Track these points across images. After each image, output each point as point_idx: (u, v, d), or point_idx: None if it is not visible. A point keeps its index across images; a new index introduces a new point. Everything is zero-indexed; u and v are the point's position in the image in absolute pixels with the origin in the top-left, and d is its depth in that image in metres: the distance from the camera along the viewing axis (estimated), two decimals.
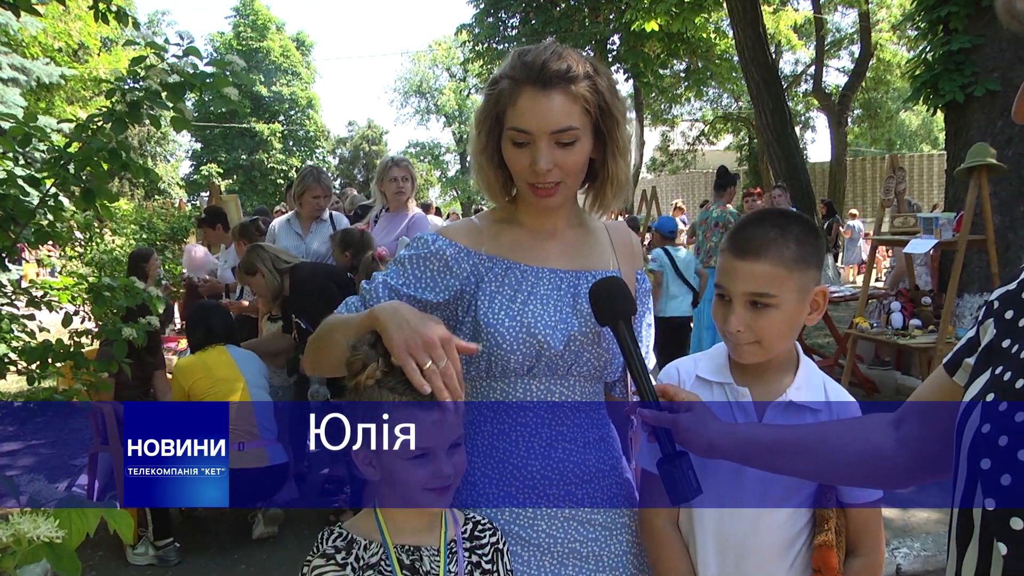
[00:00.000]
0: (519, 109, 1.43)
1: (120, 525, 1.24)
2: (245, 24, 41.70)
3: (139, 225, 9.99)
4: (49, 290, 3.15)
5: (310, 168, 5.39)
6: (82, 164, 2.75)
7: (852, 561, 1.54)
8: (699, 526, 1.54)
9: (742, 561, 1.52)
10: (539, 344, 1.46)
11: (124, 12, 3.47)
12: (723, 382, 1.55)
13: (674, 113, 28.95)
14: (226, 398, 4.04)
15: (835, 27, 25.97)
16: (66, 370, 3.28)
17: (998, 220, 6.06)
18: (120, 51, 19.17)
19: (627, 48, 20.37)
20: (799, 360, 1.57)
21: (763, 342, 1.47)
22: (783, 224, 1.46)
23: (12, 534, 1.08)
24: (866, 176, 21.98)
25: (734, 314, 1.45)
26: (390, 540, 1.34)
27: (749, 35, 11.47)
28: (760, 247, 1.43)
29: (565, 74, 1.42)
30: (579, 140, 1.45)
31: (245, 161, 39.73)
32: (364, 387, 1.31)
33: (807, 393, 1.54)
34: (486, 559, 1.40)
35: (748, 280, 1.44)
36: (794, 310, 1.47)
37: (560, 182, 1.45)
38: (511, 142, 1.46)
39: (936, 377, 1.13)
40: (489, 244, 1.54)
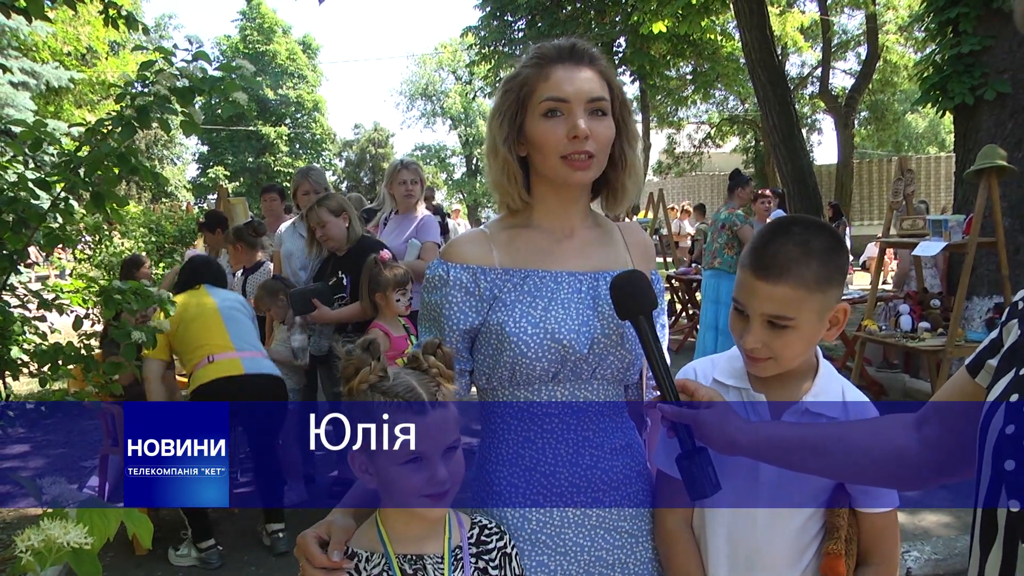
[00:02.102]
0: (553, 81, 1.45)
1: (140, 528, 1.25)
2: (252, 27, 41.86)
3: (148, 228, 10.03)
4: (60, 293, 3.17)
5: (302, 168, 5.47)
6: (92, 168, 2.76)
7: (864, 570, 1.52)
8: (711, 532, 1.53)
9: (754, 568, 1.51)
10: (564, 349, 1.45)
11: (133, 17, 3.49)
12: (740, 387, 1.54)
13: (680, 116, 28.94)
14: (197, 321, 4.08)
15: (842, 29, 25.93)
16: (76, 372, 3.29)
17: (1008, 223, 6.03)
18: (128, 55, 19.26)
19: (633, 50, 20.37)
20: (819, 365, 1.55)
21: (779, 360, 1.45)
22: (807, 240, 1.41)
23: (43, 539, 1.09)
24: (872, 178, 21.90)
25: (751, 332, 1.43)
26: (392, 551, 1.33)
27: (756, 37, 11.45)
28: (781, 268, 1.38)
29: (593, 54, 1.50)
30: (607, 115, 1.48)
31: (252, 164, 39.87)
32: (358, 391, 1.32)
33: (825, 399, 1.52)
34: (493, 564, 1.39)
35: (766, 301, 1.40)
36: (813, 330, 1.45)
37: (593, 155, 1.45)
38: (542, 116, 1.45)
39: (958, 378, 1.12)
40: (502, 254, 1.52)
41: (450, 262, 1.51)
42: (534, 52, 1.51)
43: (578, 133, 1.42)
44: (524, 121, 1.49)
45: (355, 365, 1.32)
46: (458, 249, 1.53)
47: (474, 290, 1.49)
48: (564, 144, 1.44)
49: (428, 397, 1.29)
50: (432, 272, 1.53)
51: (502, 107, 1.50)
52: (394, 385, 1.30)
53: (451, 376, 1.36)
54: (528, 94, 1.47)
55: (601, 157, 1.48)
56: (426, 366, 1.34)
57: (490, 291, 1.49)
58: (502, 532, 1.44)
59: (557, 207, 1.55)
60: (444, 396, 1.32)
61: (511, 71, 1.54)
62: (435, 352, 1.36)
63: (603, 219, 1.65)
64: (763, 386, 1.54)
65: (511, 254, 1.53)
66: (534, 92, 1.47)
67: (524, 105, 1.48)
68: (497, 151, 1.51)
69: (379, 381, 1.31)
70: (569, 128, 1.43)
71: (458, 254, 1.52)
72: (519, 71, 1.50)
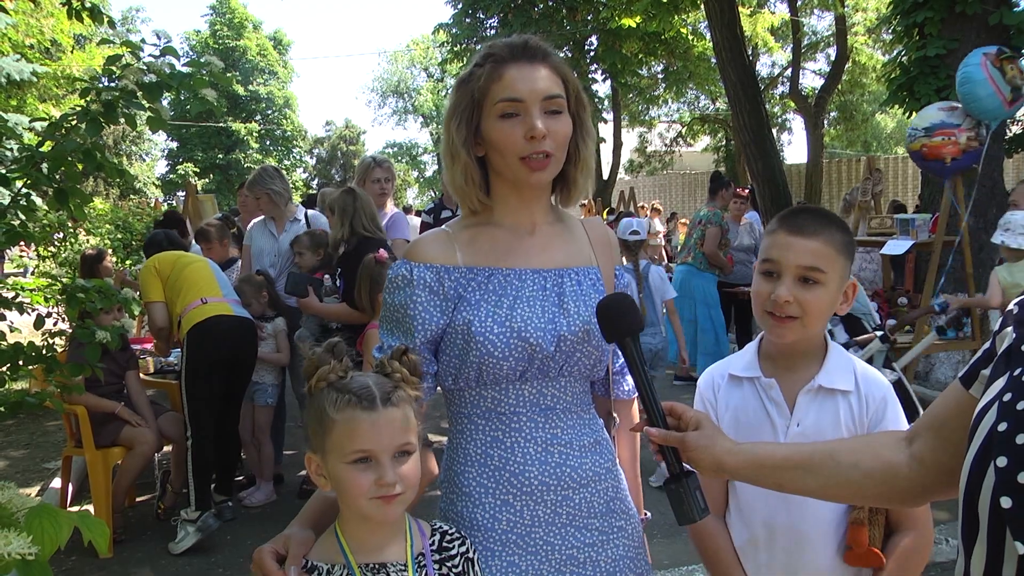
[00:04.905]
0: (507, 81, 1.44)
1: (95, 534, 1.20)
2: (221, 22, 41.37)
3: (114, 225, 9.86)
4: (20, 291, 3.09)
5: (251, 179, 5.41)
6: (55, 164, 2.70)
7: (897, 538, 1.56)
8: (748, 514, 1.59)
9: (790, 546, 1.56)
10: (531, 348, 1.44)
11: (98, 9, 3.41)
12: (752, 376, 1.62)
13: (652, 114, 29.07)
14: (190, 267, 4.52)
15: (811, 30, 26.20)
16: (38, 372, 3.22)
17: (972, 221, 6.13)
18: (95, 48, 18.93)
19: (605, 48, 20.41)
20: (828, 347, 1.62)
21: (805, 319, 1.52)
22: (828, 215, 1.59)
23: None
24: (842, 178, 22.12)
25: (783, 285, 1.51)
26: (353, 560, 1.30)
27: (726, 36, 11.53)
28: (815, 227, 1.53)
29: (546, 51, 1.49)
30: (563, 112, 1.47)
31: (222, 160, 39.42)
32: (316, 390, 1.31)
33: (837, 377, 1.58)
34: (456, 570, 1.37)
35: (803, 255, 1.51)
36: (835, 293, 1.54)
37: (551, 154, 1.45)
38: (498, 117, 1.44)
39: (951, 391, 1.11)
40: (465, 253, 1.51)
41: (413, 261, 1.49)
42: (485, 51, 1.49)
43: (535, 134, 1.42)
44: (480, 122, 1.47)
45: (315, 364, 1.31)
46: (421, 248, 1.52)
47: (439, 289, 1.47)
48: (522, 145, 1.43)
49: (382, 396, 1.28)
50: (395, 272, 1.51)
51: (457, 109, 1.49)
52: (349, 383, 1.30)
53: (415, 383, 1.35)
54: (483, 95, 1.46)
55: (559, 155, 1.48)
56: (390, 371, 1.33)
57: (454, 290, 1.48)
58: (463, 537, 1.42)
59: (518, 205, 1.54)
60: (401, 399, 1.31)
61: (464, 71, 1.52)
62: (400, 358, 1.35)
63: (565, 214, 1.65)
64: (776, 371, 1.61)
65: (474, 252, 1.51)
66: (488, 93, 1.45)
67: (480, 106, 1.47)
68: (457, 155, 1.49)
69: (337, 380, 1.30)
70: (527, 129, 1.42)
71: (421, 253, 1.50)
72: (472, 71, 1.49)
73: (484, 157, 1.51)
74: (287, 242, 5.13)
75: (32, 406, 2.66)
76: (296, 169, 44.37)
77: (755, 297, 1.58)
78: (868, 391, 1.57)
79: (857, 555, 1.53)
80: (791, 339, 1.55)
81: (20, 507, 1.18)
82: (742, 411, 1.62)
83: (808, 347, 1.60)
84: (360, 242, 4.39)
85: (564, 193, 1.60)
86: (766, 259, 1.56)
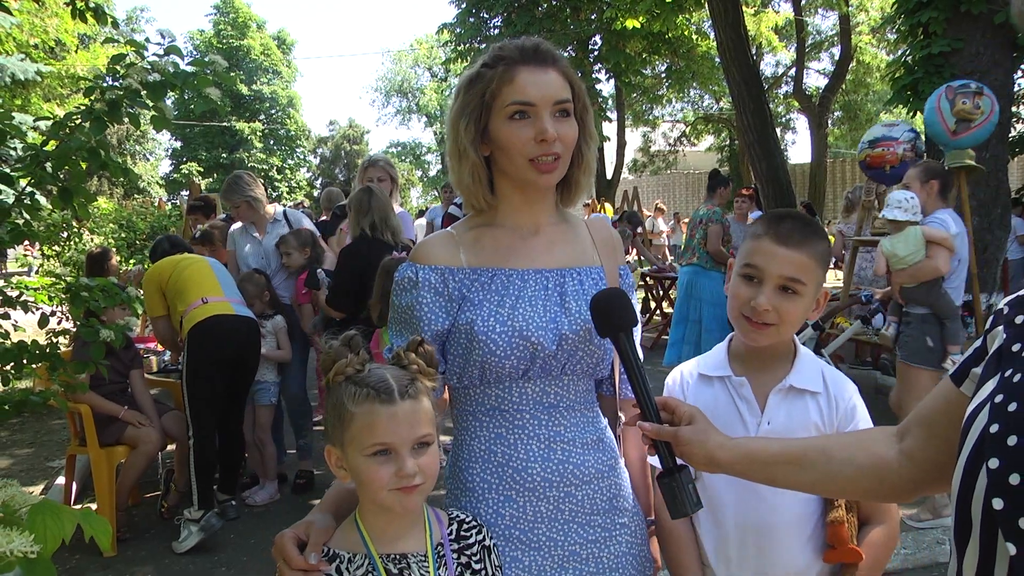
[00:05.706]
0: (518, 84, 1.45)
1: (97, 532, 1.20)
2: (225, 22, 41.47)
3: (118, 224, 9.89)
4: (25, 290, 3.10)
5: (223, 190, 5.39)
6: (59, 163, 2.70)
7: (868, 529, 1.60)
8: (718, 511, 1.60)
9: (762, 542, 1.57)
10: (533, 347, 1.45)
11: (102, 9, 3.41)
12: (723, 375, 1.64)
13: (655, 114, 29.05)
14: (190, 268, 4.52)
15: (815, 29, 26.18)
16: (42, 371, 3.23)
17: (976, 221, 6.12)
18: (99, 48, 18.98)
19: (609, 47, 20.38)
20: (796, 350, 1.65)
21: (781, 326, 1.55)
22: (812, 224, 1.61)
23: None
24: (846, 177, 22.14)
25: (764, 294, 1.54)
26: (375, 550, 1.31)
27: (730, 36, 11.51)
28: (802, 239, 1.55)
29: (556, 55, 1.51)
30: (571, 116, 1.49)
31: (225, 160, 39.51)
32: (334, 384, 1.32)
33: (807, 378, 1.61)
34: (475, 559, 1.38)
35: (786, 265, 1.53)
36: (810, 302, 1.58)
37: (560, 156, 1.47)
38: (507, 118, 1.45)
39: (942, 388, 1.11)
40: (468, 254, 1.52)
41: (419, 264, 1.51)
42: (495, 52, 1.50)
43: (547, 137, 1.43)
44: (488, 123, 1.48)
45: (332, 358, 1.32)
46: (426, 251, 1.53)
47: (443, 291, 1.49)
48: (532, 147, 1.44)
49: (399, 389, 1.29)
50: (401, 275, 1.53)
51: (466, 109, 1.50)
52: (367, 376, 1.30)
53: (431, 373, 1.36)
54: (493, 97, 1.47)
55: (567, 157, 1.50)
56: (407, 363, 1.34)
57: (458, 291, 1.49)
58: (480, 526, 1.44)
59: (522, 205, 1.55)
60: (419, 391, 1.31)
61: (471, 71, 1.52)
62: (416, 350, 1.36)
63: (569, 214, 1.66)
64: (745, 371, 1.63)
65: (477, 253, 1.53)
66: (499, 95, 1.46)
67: (489, 107, 1.48)
68: (465, 154, 1.51)
69: (355, 374, 1.31)
70: (537, 132, 1.44)
71: (426, 255, 1.52)
72: (480, 72, 1.49)
73: (489, 157, 1.52)
74: (271, 243, 5.17)
75: (36, 404, 2.66)
76: (300, 169, 44.47)
77: (732, 299, 1.60)
78: (837, 392, 1.61)
79: (839, 553, 1.55)
80: (765, 344, 1.58)
81: (23, 504, 1.18)
82: (712, 409, 1.62)
83: (778, 349, 1.63)
84: (361, 242, 4.39)
85: (566, 194, 1.61)
86: (749, 264, 1.57)
